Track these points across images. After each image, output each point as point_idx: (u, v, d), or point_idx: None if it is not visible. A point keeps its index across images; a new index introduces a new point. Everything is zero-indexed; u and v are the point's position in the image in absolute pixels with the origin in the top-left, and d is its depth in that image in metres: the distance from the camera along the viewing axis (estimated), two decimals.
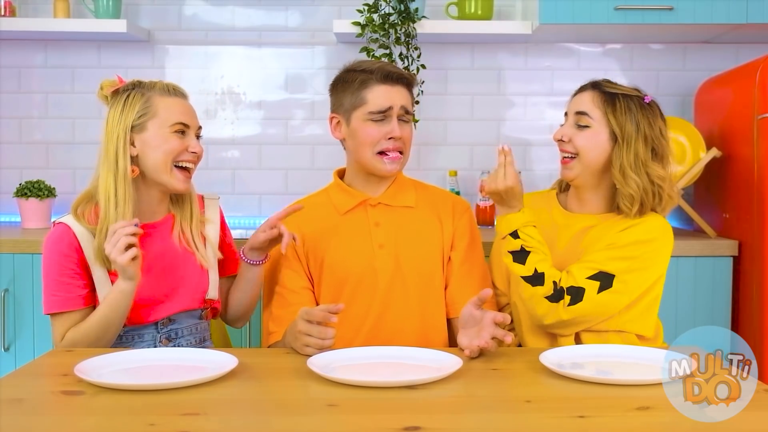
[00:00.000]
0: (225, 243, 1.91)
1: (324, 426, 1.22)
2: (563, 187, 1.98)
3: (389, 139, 1.84)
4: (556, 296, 1.72)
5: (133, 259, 1.60)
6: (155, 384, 1.36)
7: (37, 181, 2.81)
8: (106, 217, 1.70)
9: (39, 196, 2.78)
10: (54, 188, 2.84)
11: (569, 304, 1.72)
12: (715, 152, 2.63)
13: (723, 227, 2.68)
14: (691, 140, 2.69)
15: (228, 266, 1.91)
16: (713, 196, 2.76)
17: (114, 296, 1.65)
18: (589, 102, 1.82)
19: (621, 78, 3.02)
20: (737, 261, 2.54)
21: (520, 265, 1.74)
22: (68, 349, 1.66)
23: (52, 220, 1.76)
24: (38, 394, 1.35)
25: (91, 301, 1.74)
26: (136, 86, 1.78)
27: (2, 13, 2.85)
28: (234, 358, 1.46)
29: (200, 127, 1.82)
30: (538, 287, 1.73)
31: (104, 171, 1.75)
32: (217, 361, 1.48)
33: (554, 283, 1.72)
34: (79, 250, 1.72)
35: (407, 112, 1.86)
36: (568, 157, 1.84)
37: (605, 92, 1.82)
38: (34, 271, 2.49)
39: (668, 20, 2.66)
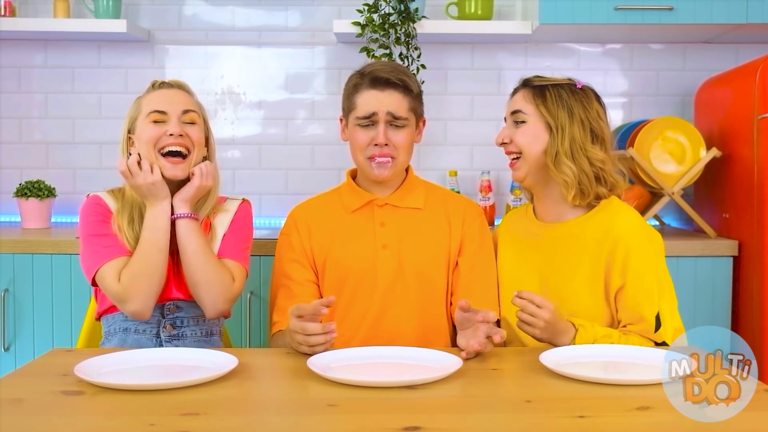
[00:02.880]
0: (226, 234, 1.86)
1: (324, 426, 1.22)
2: (530, 197, 1.96)
3: (375, 145, 1.83)
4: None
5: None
6: (155, 384, 1.36)
7: (37, 181, 2.81)
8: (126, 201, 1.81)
9: (39, 196, 2.78)
10: (54, 188, 2.84)
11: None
12: (715, 152, 2.63)
13: (723, 227, 2.68)
14: (691, 140, 2.69)
15: (223, 248, 1.84)
16: (713, 196, 2.76)
17: (152, 219, 1.74)
18: (521, 99, 1.84)
19: (621, 78, 3.03)
20: (737, 261, 2.54)
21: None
22: (68, 349, 1.67)
23: (87, 193, 1.88)
24: (38, 394, 1.35)
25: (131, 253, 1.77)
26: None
27: (2, 13, 2.85)
28: (234, 358, 1.46)
29: (186, 112, 1.80)
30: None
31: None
32: (217, 361, 1.48)
33: None
34: (112, 215, 1.80)
35: (396, 118, 1.83)
36: (514, 158, 1.85)
37: (535, 87, 1.83)
38: (34, 271, 2.49)
39: (668, 20, 2.66)
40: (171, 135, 1.77)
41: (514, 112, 1.84)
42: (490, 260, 1.93)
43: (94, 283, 1.77)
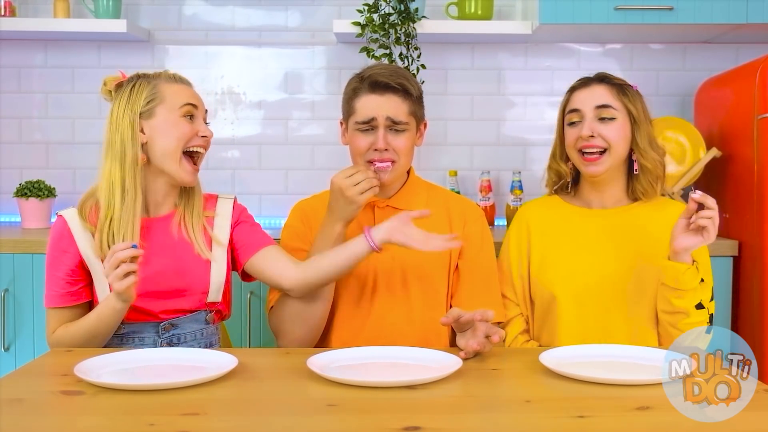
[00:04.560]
0: (239, 228, 1.85)
1: (324, 426, 1.22)
2: (561, 188, 2.00)
3: (375, 150, 1.82)
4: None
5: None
6: (155, 384, 1.36)
7: (37, 181, 2.81)
8: (109, 209, 1.70)
9: (39, 196, 2.78)
10: (54, 188, 2.84)
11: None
12: (715, 152, 2.63)
13: (723, 227, 2.67)
14: (691, 140, 2.69)
15: (257, 242, 1.83)
16: (713, 196, 2.72)
17: (105, 312, 1.66)
18: (607, 95, 1.89)
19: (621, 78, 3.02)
20: (737, 261, 2.54)
21: (704, 311, 1.78)
22: (68, 349, 1.67)
23: (55, 212, 1.81)
24: (38, 394, 1.35)
25: (87, 296, 1.75)
26: (141, 77, 1.78)
27: (2, 13, 2.85)
28: (234, 358, 1.46)
29: (206, 111, 1.83)
30: (703, 321, 1.78)
31: (109, 162, 1.74)
32: (217, 361, 1.48)
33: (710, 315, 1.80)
34: (74, 246, 1.73)
35: (396, 122, 1.81)
36: (596, 152, 1.87)
37: (615, 84, 1.91)
38: (34, 271, 2.49)
39: (668, 20, 2.66)
40: (204, 137, 1.77)
41: (601, 107, 1.88)
42: (490, 262, 1.93)
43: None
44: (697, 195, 1.67)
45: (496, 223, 2.96)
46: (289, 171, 3.06)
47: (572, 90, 1.94)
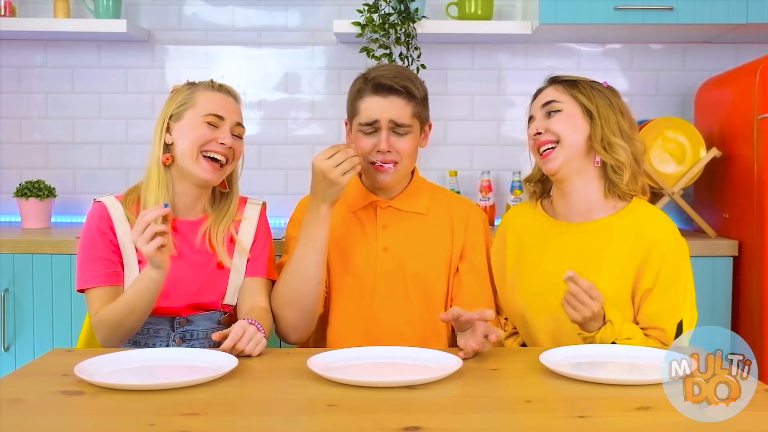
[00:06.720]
0: (254, 245, 1.85)
1: (324, 426, 1.22)
2: (540, 195, 1.93)
3: (378, 151, 1.82)
4: None
5: (162, 246, 1.57)
6: (155, 384, 1.36)
7: (37, 181, 2.81)
8: (144, 203, 1.75)
9: (39, 196, 2.78)
10: (54, 188, 2.84)
11: None
12: (715, 152, 2.63)
13: (723, 227, 2.68)
14: (691, 140, 2.69)
15: (251, 268, 1.84)
16: (713, 196, 2.76)
17: (142, 282, 1.65)
18: (552, 91, 1.83)
19: (621, 78, 3.03)
20: (737, 261, 2.54)
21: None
22: (68, 349, 1.67)
23: (94, 198, 1.82)
24: (38, 394, 1.35)
25: (123, 280, 1.75)
26: (188, 84, 1.84)
27: (2, 13, 2.85)
28: (234, 358, 1.46)
29: (239, 125, 1.83)
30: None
31: (151, 161, 1.79)
32: (217, 361, 1.48)
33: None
34: (113, 229, 1.74)
35: (399, 125, 1.81)
36: (548, 148, 1.80)
37: (563, 81, 1.84)
38: (34, 271, 2.49)
39: (668, 20, 2.66)
40: (222, 144, 1.77)
41: (546, 104, 1.82)
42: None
43: (81, 291, 1.77)
44: (568, 275, 1.59)
45: (496, 223, 2.96)
46: (289, 171, 3.06)
47: (532, 100, 1.91)
